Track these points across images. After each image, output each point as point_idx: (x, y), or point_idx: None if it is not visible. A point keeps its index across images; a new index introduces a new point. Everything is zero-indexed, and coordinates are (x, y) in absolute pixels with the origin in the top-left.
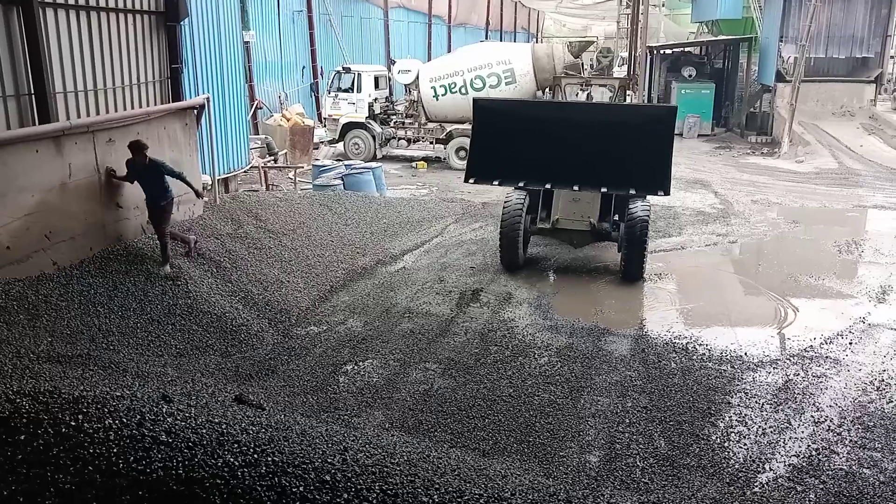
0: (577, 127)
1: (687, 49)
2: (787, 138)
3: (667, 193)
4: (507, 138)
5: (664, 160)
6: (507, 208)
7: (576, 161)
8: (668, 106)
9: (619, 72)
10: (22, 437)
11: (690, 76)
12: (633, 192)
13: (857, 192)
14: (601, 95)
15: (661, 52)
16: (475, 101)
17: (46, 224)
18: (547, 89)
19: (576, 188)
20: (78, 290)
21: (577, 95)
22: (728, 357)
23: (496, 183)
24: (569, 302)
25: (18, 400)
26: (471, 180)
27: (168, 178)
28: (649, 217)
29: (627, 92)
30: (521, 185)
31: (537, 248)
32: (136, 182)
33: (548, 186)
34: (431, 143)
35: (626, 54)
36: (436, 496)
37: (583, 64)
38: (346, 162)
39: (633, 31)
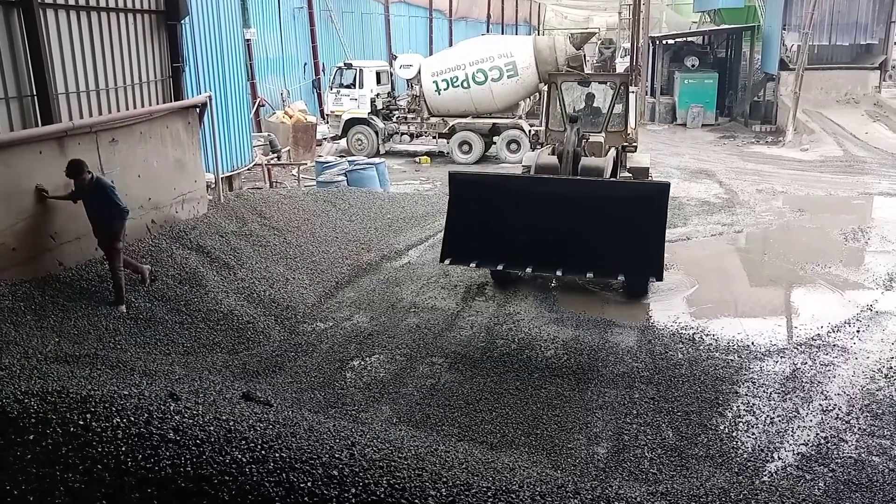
0: (560, 203)
1: (689, 39)
2: (791, 127)
3: (659, 279)
4: (485, 214)
5: (656, 241)
6: None
7: (560, 241)
8: (659, 182)
9: (622, 63)
10: (31, 437)
11: (693, 66)
12: (621, 277)
13: (863, 179)
14: (603, 94)
15: (664, 42)
16: (451, 174)
17: (51, 225)
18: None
19: (559, 273)
20: (84, 291)
21: (578, 97)
22: (735, 347)
23: (473, 265)
24: (574, 295)
25: (27, 400)
26: (446, 261)
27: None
28: None
29: (631, 89)
30: (499, 267)
31: None
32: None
33: (528, 271)
34: (434, 137)
35: (628, 45)
36: (443, 490)
37: (585, 55)
38: (350, 158)
39: (634, 21)
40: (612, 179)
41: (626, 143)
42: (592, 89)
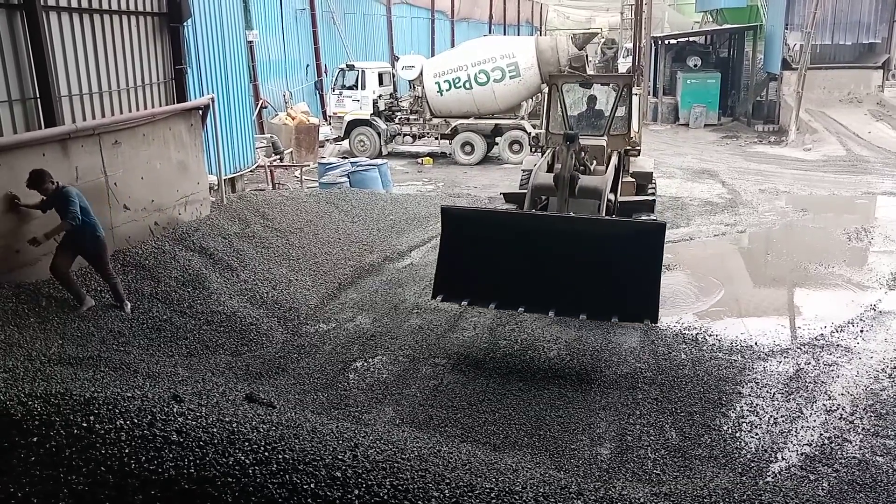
0: (553, 241)
1: (692, 39)
2: (794, 126)
3: (654, 322)
4: (478, 251)
5: (651, 282)
6: None
7: (553, 279)
8: (656, 222)
9: (624, 63)
10: (34, 439)
11: (696, 66)
12: (615, 319)
13: (866, 178)
14: (605, 96)
15: (666, 42)
16: (443, 209)
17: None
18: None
19: (551, 313)
20: (88, 293)
21: (579, 99)
22: (738, 347)
23: (465, 303)
24: None
25: (31, 402)
26: (438, 297)
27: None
28: None
29: (634, 90)
30: (491, 306)
31: None
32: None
33: (521, 310)
34: (437, 138)
35: (630, 45)
36: (446, 491)
37: (587, 56)
38: (352, 159)
39: (637, 21)
40: (605, 218)
41: (628, 147)
42: (594, 91)
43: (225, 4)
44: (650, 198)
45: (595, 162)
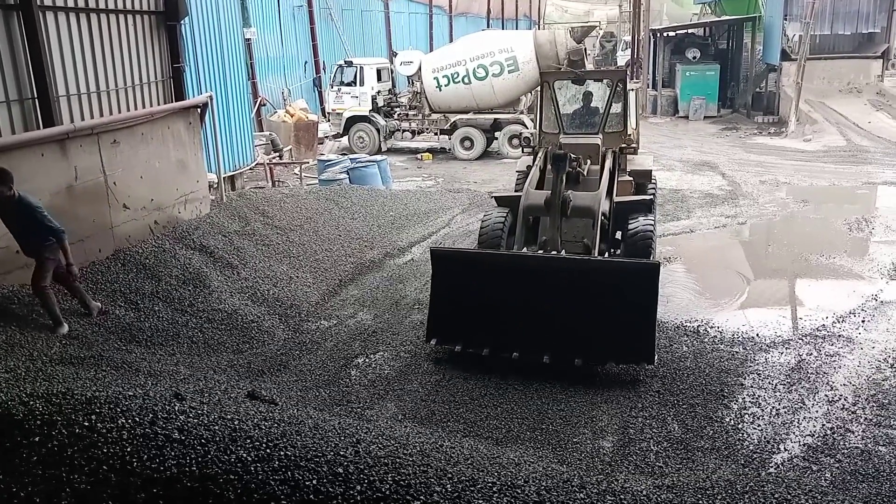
0: (546, 283)
1: (690, 30)
2: (794, 117)
3: (650, 363)
4: (470, 293)
5: (646, 323)
6: (484, 229)
7: (546, 321)
8: (650, 263)
9: (623, 56)
10: (37, 439)
11: (695, 58)
12: (612, 362)
13: (867, 169)
14: (602, 92)
15: (665, 34)
16: (432, 251)
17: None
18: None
19: (546, 359)
20: (88, 292)
21: (573, 97)
22: (740, 339)
23: (458, 348)
24: None
25: (32, 402)
26: (432, 341)
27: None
28: (653, 233)
29: (630, 85)
30: (484, 352)
31: None
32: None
33: (515, 356)
34: (436, 134)
35: (629, 38)
36: (449, 486)
37: (586, 49)
38: (352, 156)
39: (635, 14)
40: (598, 259)
41: (624, 145)
42: (590, 87)
43: (222, 2)
44: (647, 197)
45: (589, 161)
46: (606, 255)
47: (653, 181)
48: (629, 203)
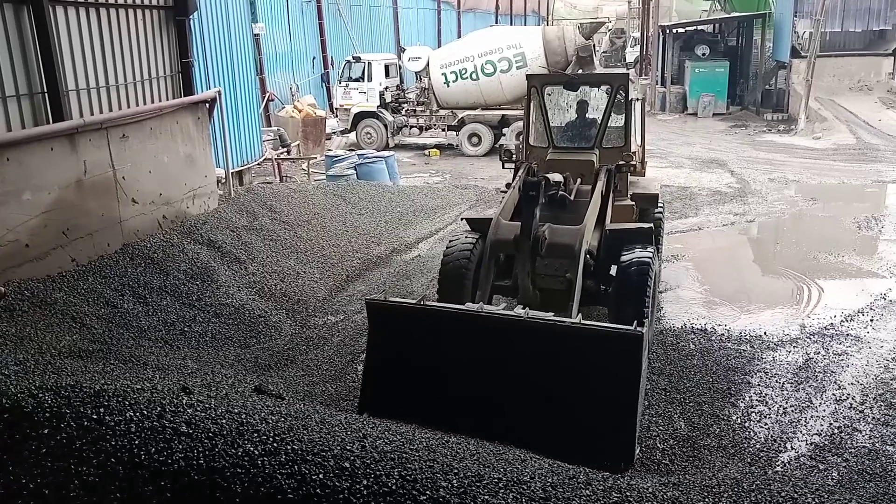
0: (505, 350)
1: (700, 27)
2: (803, 115)
3: (629, 463)
4: (414, 357)
5: (626, 410)
6: (448, 257)
7: (507, 399)
8: (632, 331)
9: (632, 52)
10: (45, 431)
11: (704, 54)
12: (579, 458)
13: (876, 167)
14: (598, 99)
15: (674, 30)
16: (367, 303)
17: (64, 222)
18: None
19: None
20: (97, 286)
21: (566, 106)
22: (747, 337)
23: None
24: None
25: (41, 395)
26: (364, 415)
27: None
28: (651, 266)
29: (635, 95)
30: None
31: None
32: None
33: (463, 438)
34: (443, 130)
35: (638, 34)
36: (455, 481)
37: (594, 45)
38: (359, 151)
39: (644, 10)
40: (567, 323)
41: (622, 163)
42: (584, 95)
43: None
44: (645, 225)
45: (581, 180)
46: (597, 291)
47: (659, 206)
48: (624, 232)
